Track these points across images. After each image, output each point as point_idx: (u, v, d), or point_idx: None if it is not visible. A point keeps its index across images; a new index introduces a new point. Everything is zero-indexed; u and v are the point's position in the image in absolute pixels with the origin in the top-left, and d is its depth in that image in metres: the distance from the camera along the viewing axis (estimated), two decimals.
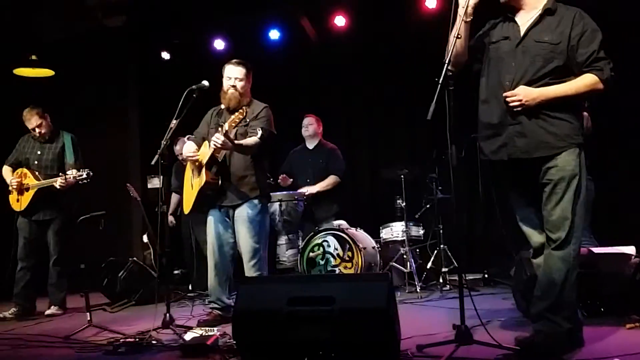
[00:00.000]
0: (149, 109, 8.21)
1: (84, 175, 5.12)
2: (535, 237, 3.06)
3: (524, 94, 2.87)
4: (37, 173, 5.39)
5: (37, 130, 5.44)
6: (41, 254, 5.48)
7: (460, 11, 2.96)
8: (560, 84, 2.89)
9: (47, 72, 7.39)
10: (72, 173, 5.17)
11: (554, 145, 2.88)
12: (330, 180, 6.03)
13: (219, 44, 7.87)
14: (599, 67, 2.86)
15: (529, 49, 2.95)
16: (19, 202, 5.38)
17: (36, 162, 5.44)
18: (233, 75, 4.31)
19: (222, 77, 4.39)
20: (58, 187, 5.19)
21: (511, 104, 2.89)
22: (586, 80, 2.86)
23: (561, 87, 2.88)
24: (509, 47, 3.02)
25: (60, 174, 5.25)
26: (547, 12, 2.98)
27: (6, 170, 5.52)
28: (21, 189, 5.37)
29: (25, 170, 5.42)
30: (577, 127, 2.93)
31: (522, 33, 3.00)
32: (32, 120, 5.44)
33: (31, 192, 5.32)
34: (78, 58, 7.91)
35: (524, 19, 3.03)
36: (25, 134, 5.62)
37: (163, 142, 4.20)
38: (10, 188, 5.40)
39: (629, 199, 5.69)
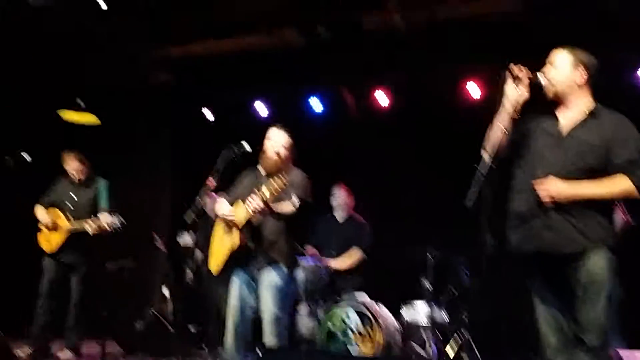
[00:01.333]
0: (183, 164, 8.34)
1: (118, 224, 5.16)
2: (551, 339, 2.99)
3: (555, 188, 2.86)
4: (69, 215, 5.44)
5: (75, 174, 5.52)
6: (62, 296, 5.49)
7: (508, 106, 2.99)
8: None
9: (91, 119, 7.57)
10: (104, 219, 5.20)
11: (581, 243, 2.85)
12: (356, 257, 6.00)
13: (261, 109, 8.03)
14: (636, 174, 2.83)
15: (569, 147, 2.97)
16: (48, 242, 5.42)
17: (70, 205, 5.49)
18: (279, 141, 4.33)
19: (263, 138, 4.42)
20: (91, 232, 5.21)
21: (541, 194, 2.87)
22: (620, 184, 2.85)
23: (593, 186, 2.86)
24: (549, 143, 3.05)
25: (93, 218, 5.28)
26: (591, 114, 3.00)
27: (39, 209, 5.58)
28: (53, 230, 5.43)
29: (58, 211, 5.48)
30: (608, 227, 2.90)
31: (563, 130, 3.02)
32: (72, 164, 5.54)
33: (63, 234, 5.36)
34: (120, 108, 8.11)
35: (567, 117, 3.06)
36: (59, 175, 5.70)
37: (198, 198, 4.25)
38: (43, 227, 5.44)
39: None
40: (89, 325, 5.55)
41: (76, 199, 5.52)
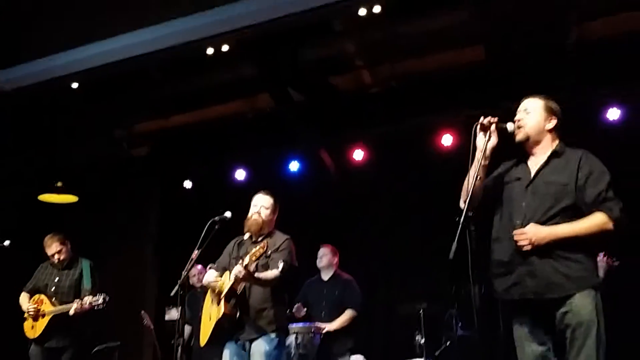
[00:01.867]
0: (168, 238, 8.28)
1: (100, 301, 5.10)
2: None
3: (533, 232, 2.91)
4: (53, 299, 5.37)
5: (57, 256, 5.49)
6: None
7: (479, 155, 3.06)
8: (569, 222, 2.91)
9: (71, 198, 7.59)
10: (88, 299, 5.14)
11: (565, 287, 2.87)
12: (347, 316, 5.93)
13: (240, 175, 8.06)
14: (609, 207, 2.89)
15: (539, 190, 3.05)
16: (33, 329, 5.32)
17: (53, 289, 5.44)
18: (260, 203, 4.39)
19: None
20: (72, 313, 5.14)
21: (520, 243, 2.91)
22: (596, 220, 2.90)
23: (571, 225, 2.91)
24: (520, 188, 3.13)
25: (76, 300, 5.22)
26: (554, 154, 3.10)
27: (23, 297, 5.52)
28: (37, 316, 5.33)
29: (42, 296, 5.41)
30: (591, 268, 2.94)
31: (532, 174, 3.08)
32: (53, 247, 5.50)
33: (46, 319, 5.28)
34: (101, 184, 8.12)
35: (535, 162, 3.14)
36: (44, 261, 5.66)
37: (184, 273, 4.22)
38: (26, 315, 5.36)
39: None
40: None
41: (60, 283, 5.46)
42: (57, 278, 5.49)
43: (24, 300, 5.47)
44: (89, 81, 6.47)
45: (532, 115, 3.17)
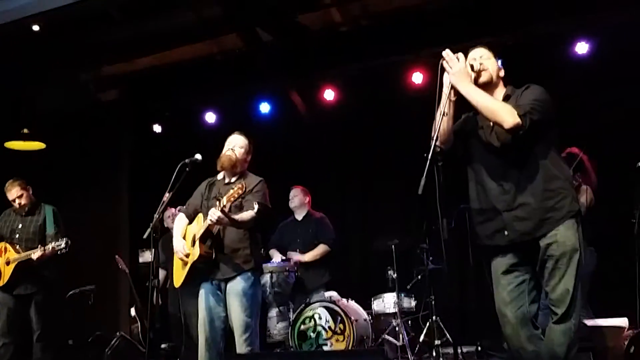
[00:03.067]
0: (140, 182, 8.24)
1: (62, 245, 5.06)
2: (510, 316, 3.05)
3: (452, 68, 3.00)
4: (17, 246, 5.31)
5: (18, 201, 5.43)
6: (24, 330, 5.36)
7: (446, 90, 3.07)
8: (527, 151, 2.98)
9: (38, 145, 7.48)
10: (51, 244, 5.12)
11: (553, 221, 2.93)
12: (320, 250, 6.03)
13: (211, 117, 8.00)
14: (524, 108, 2.94)
15: (496, 130, 3.07)
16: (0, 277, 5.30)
17: (17, 236, 5.39)
18: (234, 142, 4.38)
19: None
20: (35, 259, 5.12)
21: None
22: (508, 107, 2.95)
23: (483, 93, 3.00)
24: (484, 134, 3.16)
25: (39, 246, 5.19)
26: (506, 98, 3.13)
27: None
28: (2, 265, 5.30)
29: (6, 244, 5.36)
30: (571, 195, 2.99)
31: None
32: (13, 192, 5.44)
33: (11, 266, 5.24)
34: (70, 131, 8.00)
35: None
36: (7, 208, 5.59)
37: (156, 216, 4.23)
38: None
39: (620, 269, 5.71)
40: (59, 355, 5.44)
41: (23, 229, 5.41)
42: (20, 225, 5.43)
43: None
44: (50, 23, 6.28)
45: (491, 61, 3.20)
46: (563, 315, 2.90)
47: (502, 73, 3.22)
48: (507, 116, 2.90)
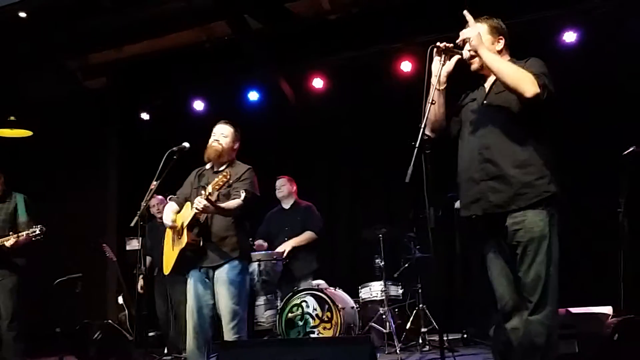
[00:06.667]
0: (127, 170, 8.22)
1: (37, 231, 5.03)
2: (506, 300, 3.05)
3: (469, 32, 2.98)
4: None
5: None
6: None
7: (433, 80, 3.07)
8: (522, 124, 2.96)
9: (24, 133, 7.43)
10: (25, 232, 5.09)
11: (529, 196, 2.90)
12: (305, 236, 6.01)
13: (199, 105, 7.98)
14: (542, 78, 2.90)
15: (492, 102, 3.07)
16: None
17: None
18: (219, 131, 4.37)
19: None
20: (8, 246, 5.09)
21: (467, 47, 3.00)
22: (526, 73, 2.89)
23: (501, 60, 2.99)
24: (476, 106, 3.15)
25: (10, 233, 5.16)
26: None
27: None
28: None
29: None
30: (550, 177, 2.95)
31: (486, 91, 3.13)
32: None
33: None
34: (58, 119, 7.95)
35: (489, 82, 3.16)
36: None
37: (143, 204, 4.22)
38: None
39: (603, 257, 5.78)
40: (46, 343, 5.41)
41: None
42: None
43: None
44: (37, 10, 6.22)
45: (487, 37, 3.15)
46: (537, 304, 2.88)
47: (499, 46, 3.13)
48: (529, 85, 2.85)
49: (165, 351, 6.47)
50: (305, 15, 7.14)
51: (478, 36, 2.99)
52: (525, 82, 2.87)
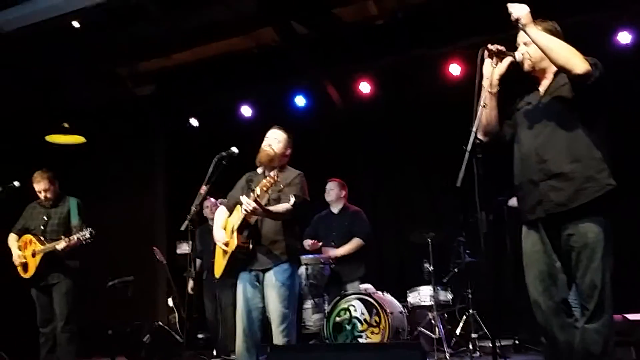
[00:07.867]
0: (176, 174, 8.36)
1: (87, 235, 5.09)
2: (540, 303, 3.00)
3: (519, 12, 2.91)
4: (42, 239, 5.34)
5: (44, 194, 5.45)
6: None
7: (485, 82, 3.03)
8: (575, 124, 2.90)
9: (78, 139, 7.64)
10: (76, 235, 5.16)
11: (593, 190, 2.84)
12: (354, 244, 6.01)
13: (246, 111, 8.06)
14: (591, 59, 2.84)
15: (547, 106, 3.02)
16: (27, 270, 5.36)
17: (42, 228, 5.40)
18: (272, 136, 4.39)
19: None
20: (60, 249, 5.18)
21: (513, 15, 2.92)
22: (576, 51, 2.83)
23: (550, 36, 2.91)
24: (531, 108, 3.10)
25: (63, 237, 5.24)
26: (556, 74, 3.04)
27: (12, 238, 5.48)
28: (25, 263, 5.36)
29: (30, 236, 5.41)
30: (608, 170, 2.89)
31: (541, 95, 3.07)
32: (42, 183, 5.45)
33: (37, 258, 5.29)
34: (108, 125, 8.14)
35: (544, 85, 3.11)
36: (32, 201, 5.65)
37: (193, 208, 4.26)
38: (16, 264, 5.39)
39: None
40: (99, 345, 5.51)
41: (49, 221, 5.46)
42: (45, 217, 5.47)
43: (13, 242, 5.46)
44: (90, 19, 6.39)
45: (533, 45, 3.07)
46: (594, 312, 2.82)
47: None
48: (579, 61, 2.80)
49: (214, 353, 6.53)
50: (351, 20, 7.14)
51: (528, 15, 2.92)
52: (575, 57, 2.82)
